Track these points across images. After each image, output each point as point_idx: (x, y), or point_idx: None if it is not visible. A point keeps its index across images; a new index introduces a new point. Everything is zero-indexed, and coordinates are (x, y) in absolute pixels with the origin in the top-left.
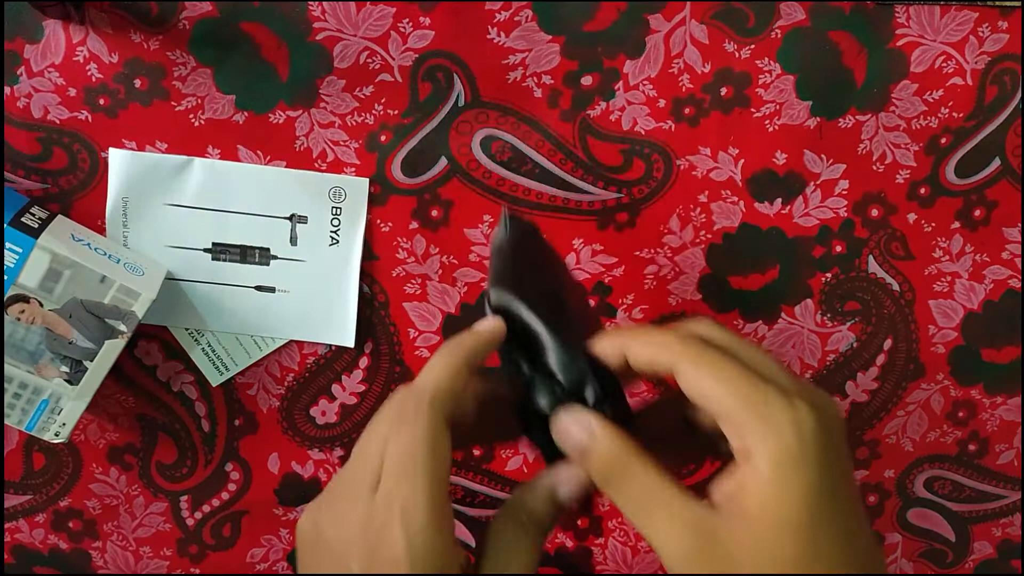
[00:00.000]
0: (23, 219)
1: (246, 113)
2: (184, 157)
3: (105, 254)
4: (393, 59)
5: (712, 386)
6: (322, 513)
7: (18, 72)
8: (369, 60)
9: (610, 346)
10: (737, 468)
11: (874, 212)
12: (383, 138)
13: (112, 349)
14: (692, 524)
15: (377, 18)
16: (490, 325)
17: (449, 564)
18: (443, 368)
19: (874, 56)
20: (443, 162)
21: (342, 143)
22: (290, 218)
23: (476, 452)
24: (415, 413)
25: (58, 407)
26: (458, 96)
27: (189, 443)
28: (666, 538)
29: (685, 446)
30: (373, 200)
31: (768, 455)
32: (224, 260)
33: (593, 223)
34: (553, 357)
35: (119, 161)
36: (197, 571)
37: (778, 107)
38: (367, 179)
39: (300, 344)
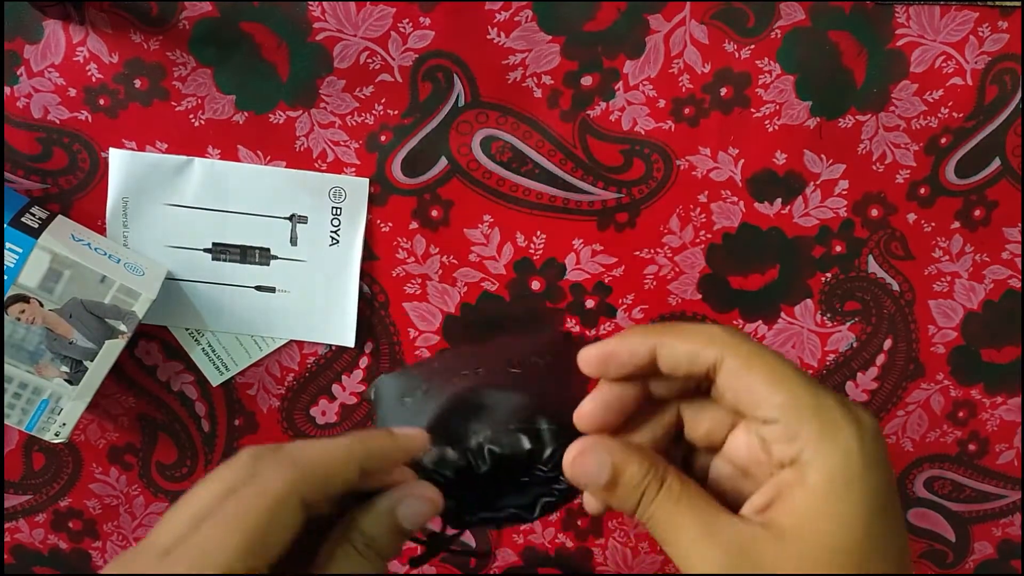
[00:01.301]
0: (23, 219)
1: (246, 113)
2: (184, 157)
3: (105, 254)
4: (393, 59)
5: (764, 387)
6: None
7: (18, 72)
8: (369, 60)
9: (635, 343)
10: (779, 480)
11: (874, 212)
12: (383, 138)
13: (112, 349)
14: (723, 544)
15: (377, 18)
16: (413, 432)
17: None
18: (343, 452)
19: (874, 56)
20: (443, 162)
21: (342, 143)
22: (290, 218)
23: None
24: (279, 473)
25: (58, 407)
26: (458, 96)
27: (189, 443)
28: (697, 561)
29: (646, 424)
30: (373, 200)
31: (826, 469)
32: (224, 260)
33: (593, 223)
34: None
35: (119, 161)
36: None
37: (778, 107)
38: (367, 179)
39: (300, 344)
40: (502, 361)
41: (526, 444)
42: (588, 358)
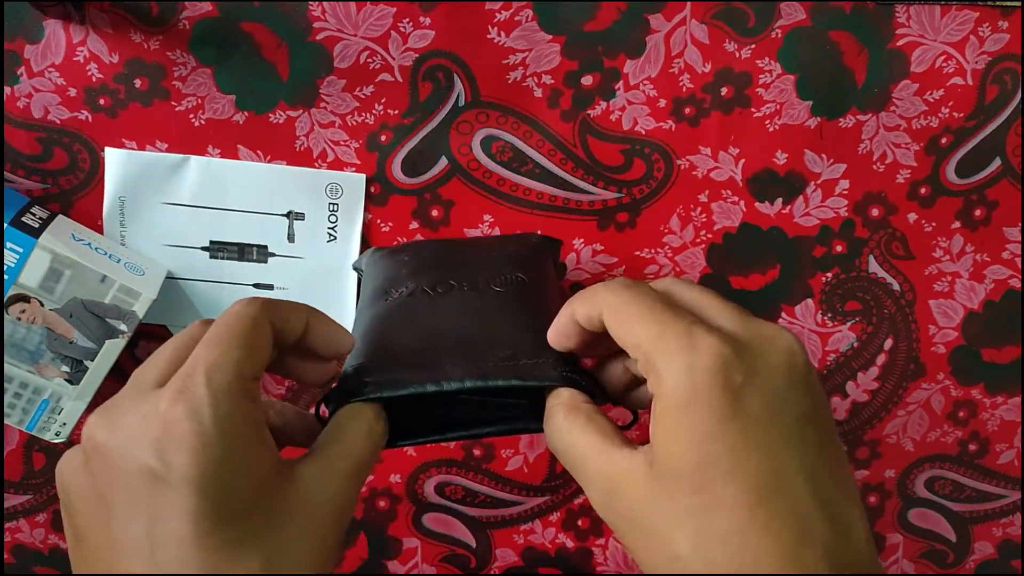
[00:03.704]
0: (24, 219)
1: (246, 113)
2: (180, 155)
3: (106, 254)
4: (393, 59)
5: (623, 327)
6: (87, 432)
7: (18, 72)
8: (369, 60)
9: (564, 316)
10: (652, 410)
11: (874, 212)
12: (383, 138)
13: (113, 349)
14: (604, 471)
15: (377, 18)
16: (348, 334)
17: (261, 435)
18: (294, 302)
19: (874, 56)
20: (443, 162)
21: (342, 143)
22: (287, 215)
23: (476, 452)
24: (247, 304)
25: (58, 407)
26: (458, 96)
27: None
28: (587, 487)
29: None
30: (373, 200)
31: (662, 398)
32: (222, 258)
33: (593, 223)
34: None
35: (115, 160)
36: None
37: (778, 107)
38: (363, 175)
39: None
40: (486, 277)
41: (500, 382)
42: (550, 340)
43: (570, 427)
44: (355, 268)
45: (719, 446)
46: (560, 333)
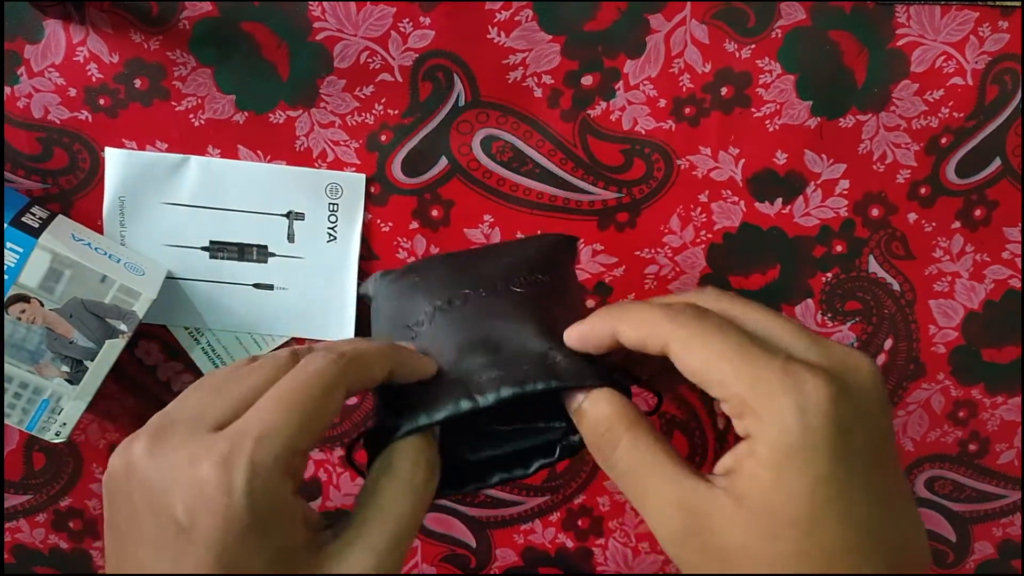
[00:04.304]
0: (23, 219)
1: (246, 113)
2: (180, 156)
3: (106, 254)
4: (393, 59)
5: (705, 366)
6: (138, 447)
7: (18, 72)
8: (369, 60)
9: (599, 328)
10: (739, 448)
11: (874, 212)
12: (383, 138)
13: (112, 349)
14: (682, 502)
15: (377, 18)
16: (429, 360)
17: (291, 515)
18: (378, 351)
19: (874, 56)
20: (443, 162)
21: (342, 143)
22: (287, 215)
23: None
24: (330, 364)
25: (58, 407)
26: (458, 96)
27: None
28: (657, 516)
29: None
30: (373, 200)
31: (767, 441)
32: (222, 258)
33: (593, 223)
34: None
35: (115, 160)
36: None
37: (778, 107)
38: (363, 175)
39: (300, 342)
40: (503, 279)
41: (539, 385)
42: (570, 339)
43: (642, 448)
44: (362, 296)
45: (834, 488)
46: (587, 342)
